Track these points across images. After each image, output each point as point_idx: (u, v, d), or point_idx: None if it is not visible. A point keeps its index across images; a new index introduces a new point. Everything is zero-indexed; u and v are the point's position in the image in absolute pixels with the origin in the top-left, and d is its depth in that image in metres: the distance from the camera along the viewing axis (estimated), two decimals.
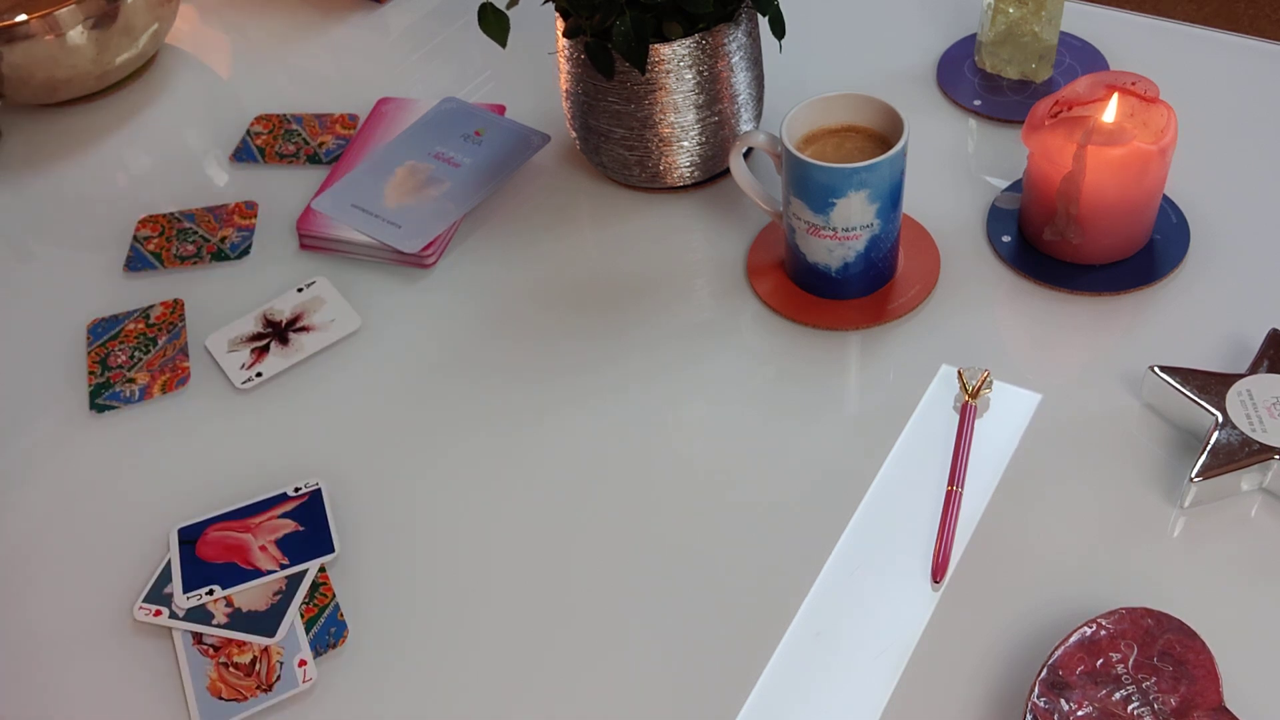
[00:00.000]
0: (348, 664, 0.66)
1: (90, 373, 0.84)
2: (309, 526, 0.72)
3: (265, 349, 0.83)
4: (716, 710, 0.62)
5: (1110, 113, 0.76)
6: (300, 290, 0.87)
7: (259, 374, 0.81)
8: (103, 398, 0.82)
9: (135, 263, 0.92)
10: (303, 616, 0.68)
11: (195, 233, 0.93)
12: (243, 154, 1.00)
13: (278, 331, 0.84)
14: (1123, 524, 0.67)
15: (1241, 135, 0.88)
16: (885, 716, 0.61)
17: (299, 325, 0.85)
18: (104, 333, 0.86)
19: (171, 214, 0.95)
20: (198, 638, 0.68)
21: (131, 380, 0.83)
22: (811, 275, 0.80)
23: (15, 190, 1.01)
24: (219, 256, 0.91)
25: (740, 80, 0.85)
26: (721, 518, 0.71)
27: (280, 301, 0.87)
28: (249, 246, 0.92)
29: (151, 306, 0.88)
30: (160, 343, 0.85)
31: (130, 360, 0.84)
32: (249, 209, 0.94)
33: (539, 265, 0.87)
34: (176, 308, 0.87)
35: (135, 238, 0.94)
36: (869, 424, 0.74)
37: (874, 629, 0.65)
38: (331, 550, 0.71)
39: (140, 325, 0.87)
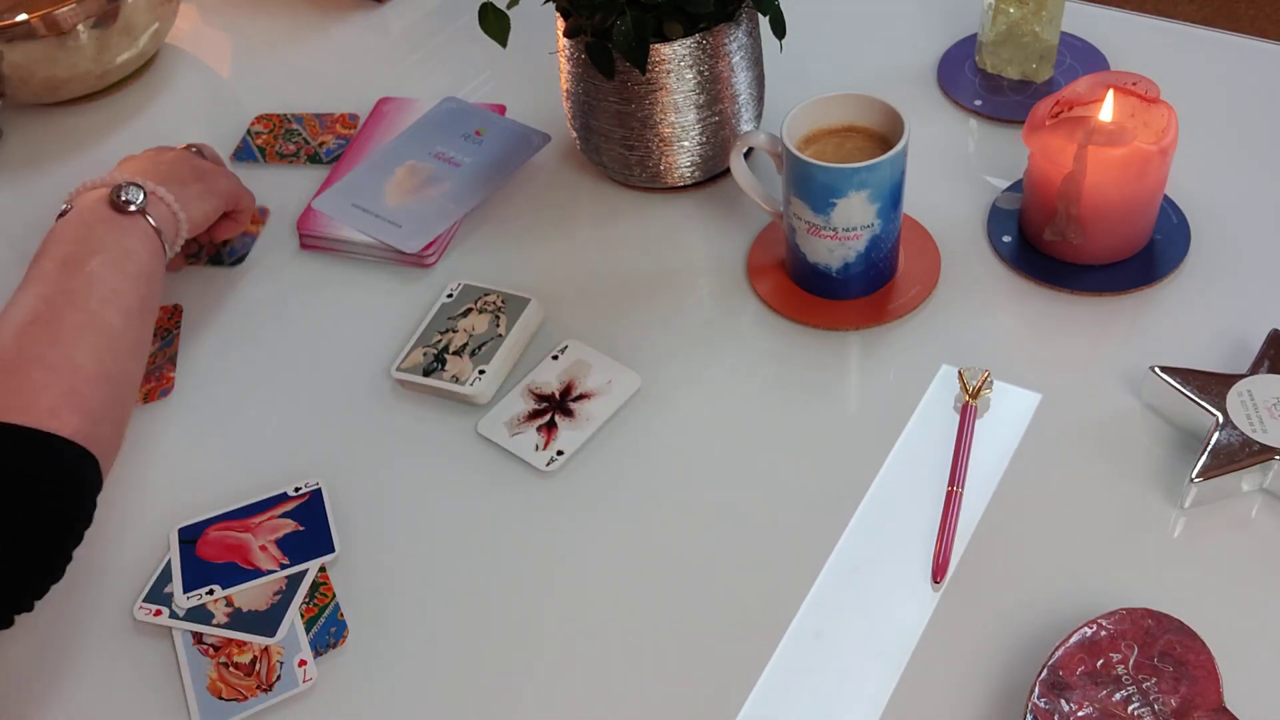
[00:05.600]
0: (348, 664, 0.66)
1: None
2: (309, 526, 0.72)
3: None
4: (717, 710, 0.62)
5: (1107, 111, 0.76)
6: None
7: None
8: None
9: None
10: (303, 616, 0.68)
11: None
12: (243, 153, 1.00)
13: None
14: (1123, 524, 0.67)
15: (1241, 135, 0.88)
16: (885, 716, 0.61)
17: None
18: None
19: None
20: (198, 637, 0.68)
21: None
22: (812, 275, 0.80)
23: (16, 190, 1.01)
24: (216, 260, 0.91)
25: (741, 80, 0.85)
26: (721, 517, 0.70)
27: None
28: (244, 256, 0.91)
29: None
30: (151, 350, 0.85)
31: None
32: (260, 215, 0.94)
33: (539, 265, 0.87)
34: (175, 314, 0.87)
35: None
36: (869, 424, 0.74)
37: (874, 629, 0.65)
38: (331, 550, 0.71)
39: None
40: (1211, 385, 0.69)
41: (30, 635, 0.70)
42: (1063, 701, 0.57)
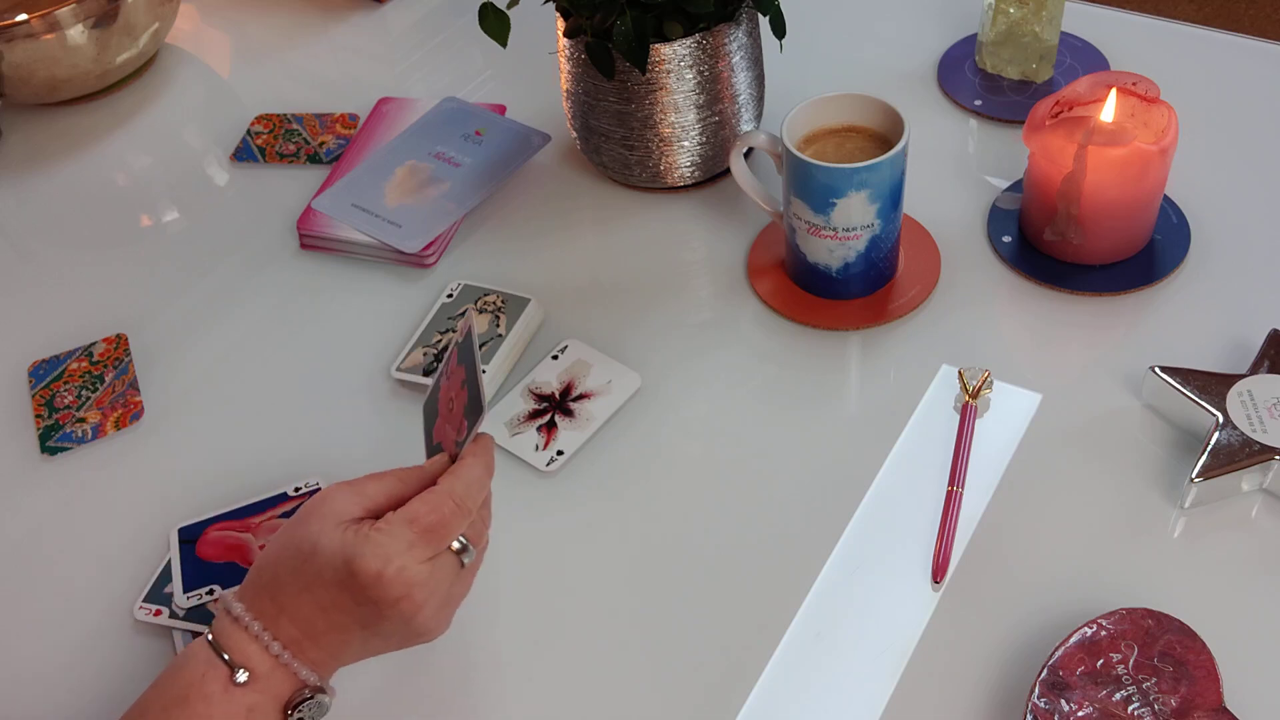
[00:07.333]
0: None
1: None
2: None
3: None
4: (717, 710, 0.62)
5: (1109, 111, 0.76)
6: None
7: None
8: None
9: None
10: None
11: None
12: (243, 153, 1.00)
13: None
14: (1123, 524, 0.67)
15: (1241, 135, 0.88)
16: (885, 716, 0.61)
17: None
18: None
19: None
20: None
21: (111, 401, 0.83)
22: (812, 275, 0.80)
23: (16, 190, 1.01)
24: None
25: (741, 80, 0.85)
26: (721, 517, 0.70)
27: None
28: None
29: None
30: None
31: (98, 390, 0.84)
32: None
33: (539, 265, 0.87)
34: (120, 343, 0.86)
35: None
36: (869, 424, 0.74)
37: (874, 629, 0.65)
38: None
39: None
40: (1211, 385, 0.69)
41: (31, 635, 0.70)
42: (1063, 701, 0.57)
